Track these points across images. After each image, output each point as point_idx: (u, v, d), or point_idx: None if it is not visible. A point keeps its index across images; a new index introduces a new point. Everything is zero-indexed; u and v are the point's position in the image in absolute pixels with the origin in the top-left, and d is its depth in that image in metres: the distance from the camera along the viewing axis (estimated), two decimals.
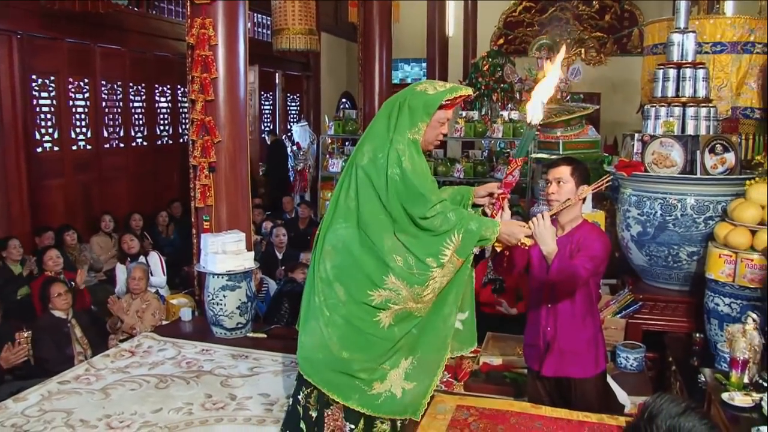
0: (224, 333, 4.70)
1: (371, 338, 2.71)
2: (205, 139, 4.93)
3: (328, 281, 2.74)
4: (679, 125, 4.62)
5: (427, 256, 2.64)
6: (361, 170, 2.69)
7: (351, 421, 2.81)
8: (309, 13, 8.29)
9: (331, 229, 2.76)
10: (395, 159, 2.62)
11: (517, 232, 2.69)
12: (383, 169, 2.63)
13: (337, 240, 2.73)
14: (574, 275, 2.84)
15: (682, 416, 1.62)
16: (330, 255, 2.75)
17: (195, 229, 5.18)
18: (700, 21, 5.31)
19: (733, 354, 3.19)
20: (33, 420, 3.46)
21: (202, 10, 4.86)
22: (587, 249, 2.95)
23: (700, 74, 4.67)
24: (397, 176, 2.61)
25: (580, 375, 3.10)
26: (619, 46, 14.37)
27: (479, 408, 3.20)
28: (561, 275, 2.81)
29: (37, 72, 7.21)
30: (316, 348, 2.76)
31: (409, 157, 2.65)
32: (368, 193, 2.68)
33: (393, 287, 2.66)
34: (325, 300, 2.74)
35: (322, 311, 2.74)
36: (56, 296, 4.72)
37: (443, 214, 2.62)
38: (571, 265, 2.84)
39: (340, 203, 2.76)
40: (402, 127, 2.69)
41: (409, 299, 2.67)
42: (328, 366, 2.75)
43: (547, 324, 3.11)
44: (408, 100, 2.72)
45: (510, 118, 8.51)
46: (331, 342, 2.72)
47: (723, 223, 4.17)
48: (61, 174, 7.57)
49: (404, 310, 2.71)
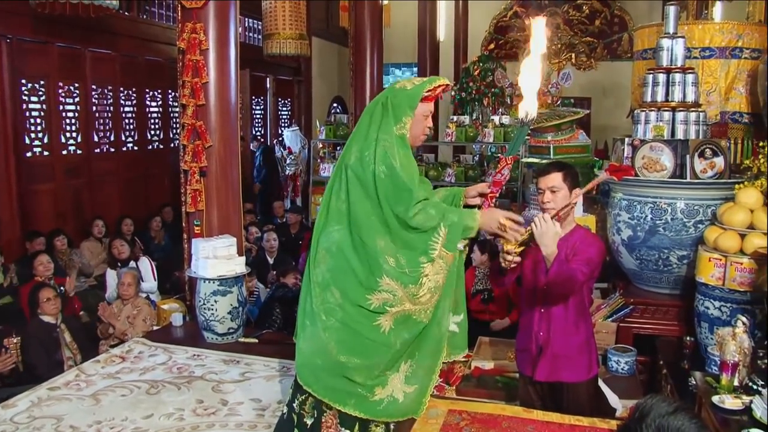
0: (216, 338, 4.69)
1: (370, 343, 2.71)
2: (196, 143, 4.92)
3: (324, 285, 2.74)
4: (669, 130, 4.64)
5: (417, 254, 2.65)
6: (350, 170, 2.69)
7: (346, 426, 2.81)
8: (300, 18, 8.28)
9: (325, 233, 2.76)
10: (381, 156, 2.62)
11: (497, 216, 2.70)
12: (369, 167, 2.63)
13: (331, 243, 2.73)
14: (571, 278, 2.84)
15: (671, 415, 1.62)
16: (325, 258, 2.75)
17: (186, 234, 5.17)
18: (689, 26, 5.34)
19: (723, 357, 3.21)
20: (22, 427, 3.44)
21: (193, 14, 4.86)
22: (583, 253, 2.95)
23: (690, 79, 4.70)
24: (383, 174, 2.61)
25: (573, 379, 3.10)
26: (609, 51, 14.42)
27: (471, 412, 3.20)
28: (559, 278, 2.81)
29: (27, 76, 7.17)
30: (315, 353, 2.75)
31: (396, 152, 2.65)
32: (358, 193, 2.68)
33: (388, 288, 2.66)
34: (322, 304, 2.73)
35: (319, 316, 2.74)
36: (45, 301, 4.69)
37: (424, 211, 2.63)
38: (569, 268, 2.84)
39: (332, 206, 2.76)
40: (387, 125, 2.70)
41: (406, 300, 2.67)
42: (327, 371, 2.75)
43: (539, 329, 3.10)
44: (389, 98, 2.74)
45: (501, 122, 8.53)
46: (330, 346, 2.71)
47: (713, 227, 4.19)
48: (51, 178, 7.52)
49: (402, 314, 2.72)
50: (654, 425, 1.62)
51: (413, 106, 2.71)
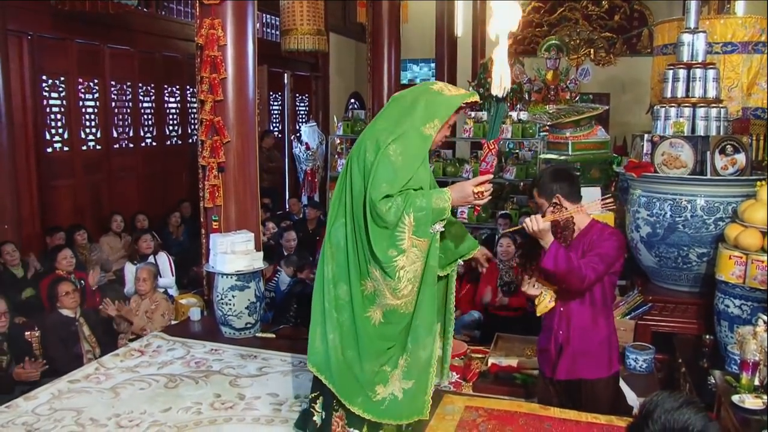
0: (233, 333, 4.71)
1: (365, 335, 2.77)
2: (214, 139, 4.94)
3: (333, 282, 2.79)
4: (689, 126, 4.60)
5: (387, 248, 2.66)
6: (358, 162, 2.74)
7: (354, 426, 2.83)
8: (317, 14, 8.27)
9: (333, 229, 2.83)
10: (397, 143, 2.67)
11: (467, 188, 2.71)
12: (380, 149, 2.66)
13: (337, 239, 2.80)
14: (572, 272, 2.82)
15: (677, 411, 1.61)
16: (333, 256, 2.81)
17: (204, 230, 5.20)
18: (711, 21, 5.29)
19: (744, 356, 3.18)
20: (43, 419, 3.48)
21: (211, 10, 4.87)
22: (598, 248, 2.93)
23: (711, 74, 4.65)
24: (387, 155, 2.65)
25: (593, 376, 3.08)
26: (628, 47, 14.28)
27: (488, 409, 3.19)
28: (557, 269, 2.80)
29: (47, 72, 7.23)
30: (326, 350, 2.81)
31: (411, 148, 2.69)
32: (357, 176, 2.73)
33: (374, 277, 2.71)
34: (334, 301, 2.78)
35: (330, 313, 2.79)
36: (64, 295, 4.73)
37: (395, 205, 2.63)
38: (571, 263, 2.82)
39: (341, 200, 2.83)
40: (417, 121, 2.72)
41: (388, 293, 2.70)
42: (337, 367, 2.79)
43: (559, 327, 3.09)
44: (425, 96, 2.76)
45: (519, 118, 8.48)
46: (339, 342, 2.77)
47: (733, 225, 4.14)
48: (71, 174, 7.59)
49: (389, 308, 2.74)
50: (660, 421, 1.61)
51: (449, 113, 2.76)
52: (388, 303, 2.73)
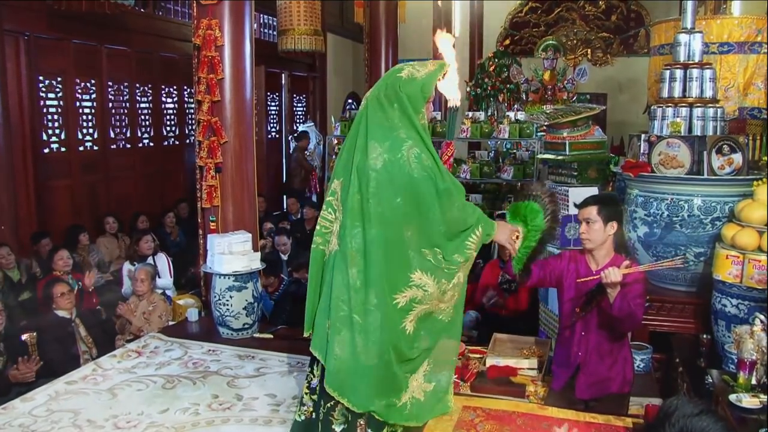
0: (231, 333, 4.71)
1: (396, 344, 2.73)
2: (212, 140, 4.94)
3: (356, 288, 2.70)
4: (686, 126, 4.60)
5: (454, 251, 2.75)
6: (376, 172, 2.67)
7: (374, 429, 2.81)
8: (314, 14, 8.28)
9: (350, 234, 2.72)
10: (416, 158, 2.68)
11: (508, 232, 3.02)
12: (404, 169, 2.67)
13: (360, 244, 2.70)
14: (631, 315, 3.02)
15: (696, 417, 1.62)
16: (355, 260, 2.71)
17: (201, 230, 5.20)
18: (707, 21, 5.30)
19: (741, 355, 3.18)
20: (40, 420, 3.48)
21: (209, 11, 4.87)
22: (632, 289, 3.07)
23: (707, 75, 4.66)
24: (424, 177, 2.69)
25: (614, 391, 3.28)
26: (625, 47, 14.31)
27: (486, 409, 3.20)
28: (620, 313, 3.00)
29: (44, 73, 7.23)
30: (349, 358, 2.72)
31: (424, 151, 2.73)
32: (388, 192, 2.67)
33: (419, 283, 2.69)
34: (356, 307, 2.70)
35: (352, 319, 2.70)
36: (59, 296, 4.73)
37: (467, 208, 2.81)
38: (629, 306, 3.00)
39: (353, 206, 2.72)
40: (409, 118, 2.72)
41: (435, 297, 2.72)
42: (359, 373, 2.72)
43: (578, 349, 3.25)
44: (401, 88, 2.74)
45: (516, 118, 8.48)
46: (364, 349, 2.69)
47: (730, 224, 4.15)
48: (68, 174, 7.59)
49: (425, 313, 2.73)
50: (678, 425, 1.62)
51: (428, 94, 2.77)
52: (430, 306, 2.77)
